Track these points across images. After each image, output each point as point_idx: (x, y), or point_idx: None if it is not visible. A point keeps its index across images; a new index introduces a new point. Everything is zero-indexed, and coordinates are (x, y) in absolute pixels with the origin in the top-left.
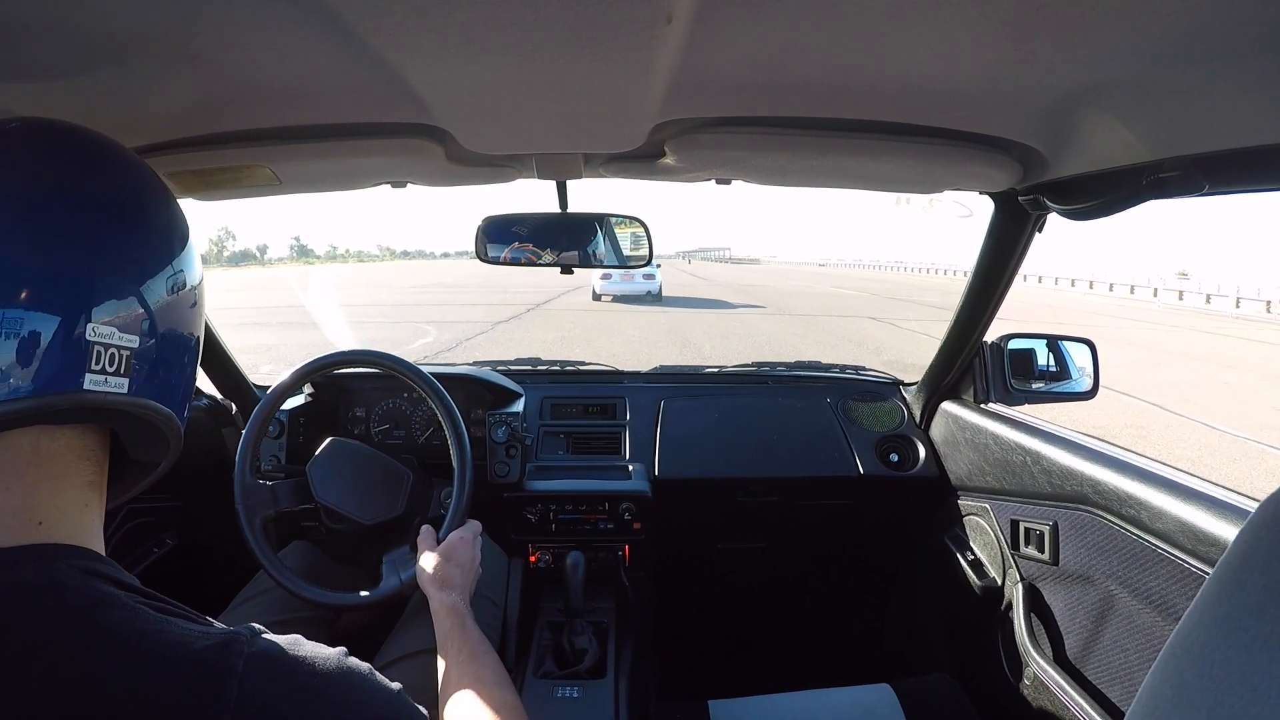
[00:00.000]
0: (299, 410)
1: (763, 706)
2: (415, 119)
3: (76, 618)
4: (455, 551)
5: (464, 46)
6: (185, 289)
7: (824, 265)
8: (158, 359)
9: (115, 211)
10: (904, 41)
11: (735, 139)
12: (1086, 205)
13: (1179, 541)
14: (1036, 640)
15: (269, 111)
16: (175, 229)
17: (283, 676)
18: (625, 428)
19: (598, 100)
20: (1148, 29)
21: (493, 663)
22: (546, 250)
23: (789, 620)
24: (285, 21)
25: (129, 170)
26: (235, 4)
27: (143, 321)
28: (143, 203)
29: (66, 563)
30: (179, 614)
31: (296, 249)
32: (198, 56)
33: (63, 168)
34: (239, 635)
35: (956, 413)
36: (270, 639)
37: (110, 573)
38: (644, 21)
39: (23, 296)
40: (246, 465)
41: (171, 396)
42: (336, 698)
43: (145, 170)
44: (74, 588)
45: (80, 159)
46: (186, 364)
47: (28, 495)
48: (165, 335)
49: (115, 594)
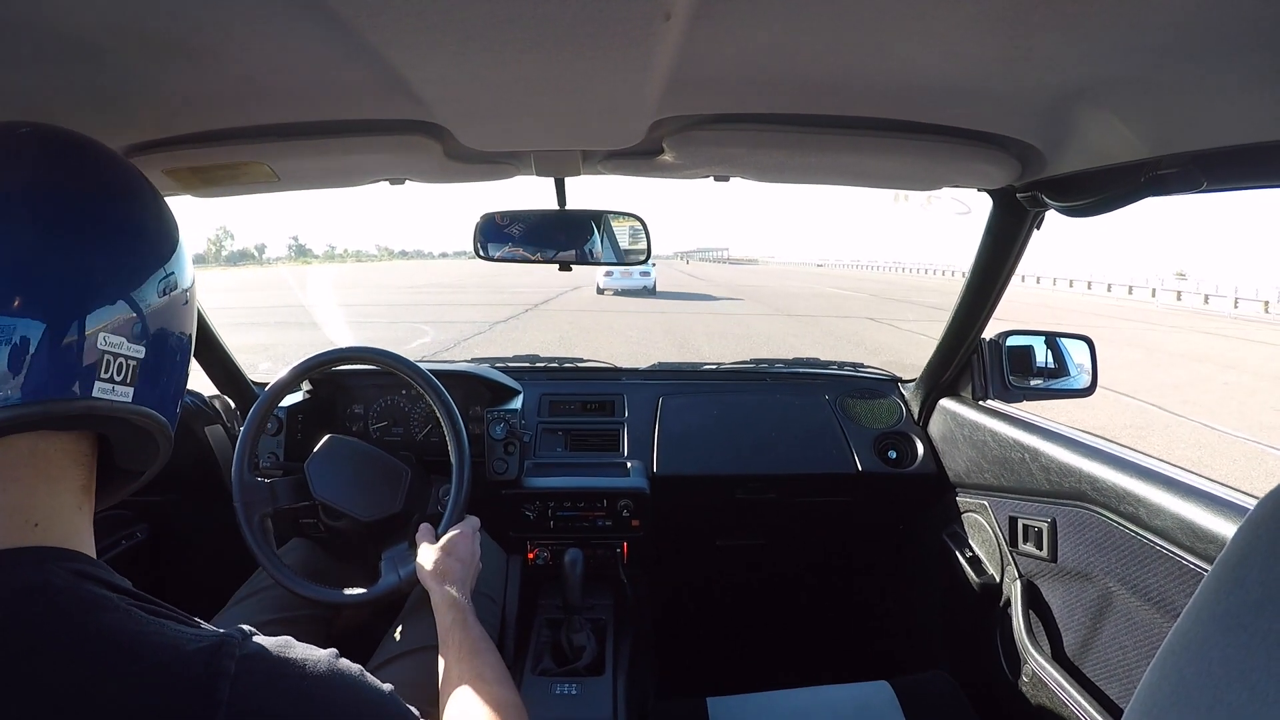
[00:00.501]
0: (297, 407)
1: (761, 703)
2: (413, 116)
3: (69, 620)
4: (455, 546)
5: (462, 43)
6: (178, 290)
7: (822, 266)
8: (158, 366)
9: (123, 216)
10: (902, 38)
11: (733, 136)
12: (1085, 202)
13: (1177, 538)
14: (1035, 637)
15: (267, 108)
16: (172, 232)
17: (274, 678)
18: (624, 425)
19: (596, 97)
20: (1146, 26)
21: (493, 659)
22: (545, 247)
23: (787, 617)
24: (283, 18)
25: (125, 176)
26: (233, 1)
27: (148, 330)
28: (146, 208)
29: (59, 565)
30: (170, 616)
31: (295, 249)
32: (196, 53)
33: (63, 174)
34: (231, 637)
35: (955, 410)
36: (261, 641)
37: (102, 575)
38: (642, 18)
39: (37, 302)
40: (245, 462)
41: (167, 403)
42: (327, 699)
43: (137, 174)
44: (66, 590)
45: (78, 166)
46: (180, 364)
47: (24, 497)
48: (166, 342)
49: (107, 596)
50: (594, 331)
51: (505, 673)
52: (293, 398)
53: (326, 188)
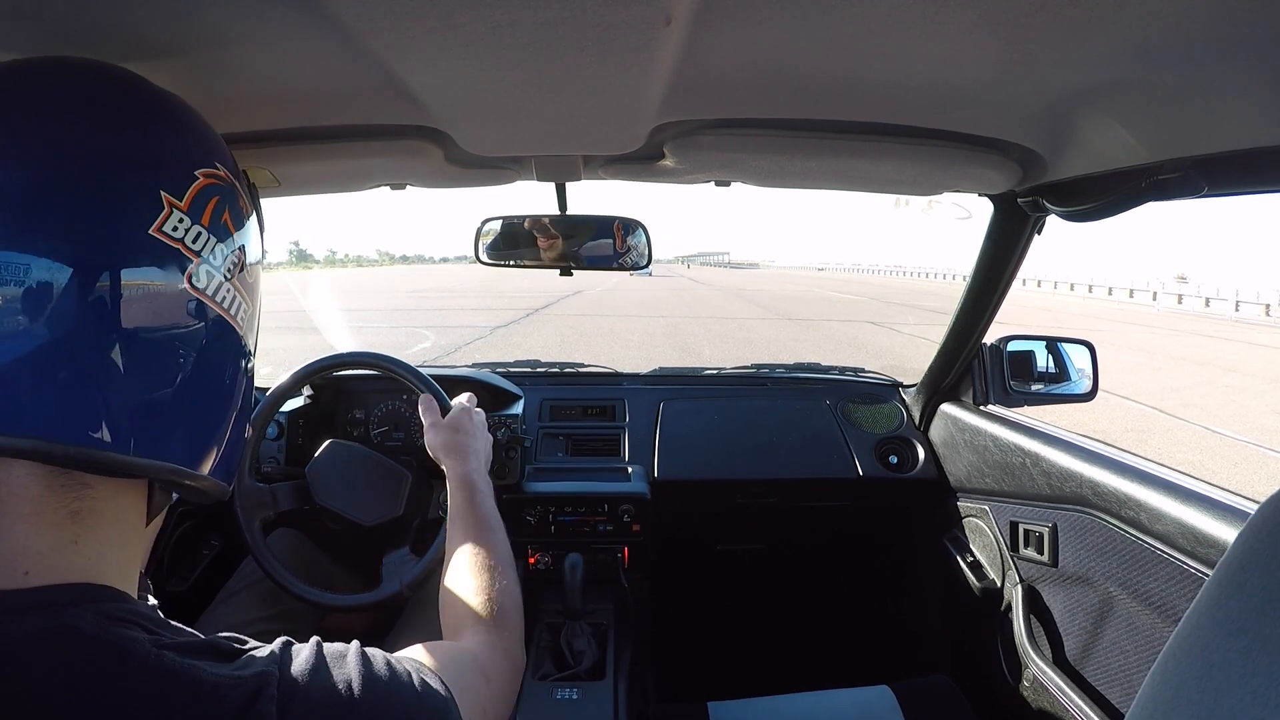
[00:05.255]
0: (298, 412)
1: (762, 708)
2: (414, 121)
3: (93, 673)
4: (461, 422)
5: (463, 49)
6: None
7: (823, 270)
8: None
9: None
10: (903, 43)
11: (734, 141)
12: (1086, 207)
13: (1178, 543)
14: (1036, 642)
15: (268, 113)
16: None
17: (323, 708)
18: (624, 429)
19: (597, 102)
20: (1146, 31)
21: (499, 541)
22: (545, 252)
23: (788, 621)
24: (284, 23)
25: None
26: (234, 6)
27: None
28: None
29: (88, 607)
30: (208, 652)
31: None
32: (196, 58)
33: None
34: (269, 677)
35: (956, 414)
36: (302, 668)
37: (133, 613)
38: (643, 23)
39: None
40: (245, 467)
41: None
42: (371, 709)
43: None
44: (95, 638)
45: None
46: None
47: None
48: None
49: (137, 639)
50: (594, 336)
51: (508, 556)
52: (293, 403)
53: (328, 192)
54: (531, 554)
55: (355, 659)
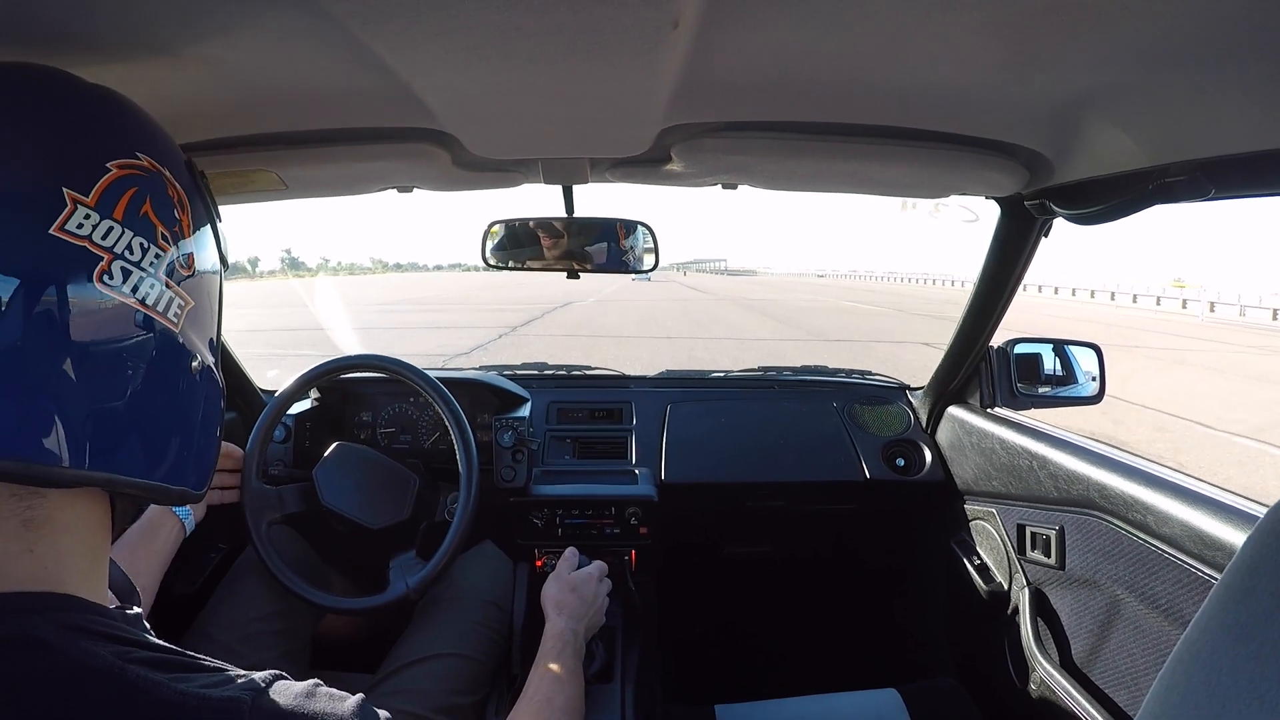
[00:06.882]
0: (305, 415)
1: (769, 711)
2: (421, 124)
3: (50, 685)
4: (580, 585)
5: (470, 52)
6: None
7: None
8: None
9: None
10: (910, 47)
11: (742, 144)
12: (1092, 210)
13: (1186, 546)
14: (1043, 645)
15: (274, 116)
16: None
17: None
18: (631, 432)
19: (604, 105)
20: (1153, 33)
21: (575, 693)
22: (551, 254)
23: (795, 624)
24: (290, 26)
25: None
26: (240, 9)
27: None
28: None
29: (48, 616)
30: (176, 665)
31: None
32: (203, 62)
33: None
34: (239, 704)
35: (963, 417)
36: (277, 699)
37: (99, 625)
38: (650, 26)
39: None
40: (253, 470)
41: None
42: None
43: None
44: (55, 648)
45: None
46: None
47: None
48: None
49: (97, 654)
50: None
51: (579, 708)
52: (301, 405)
53: (334, 196)
54: (539, 557)
55: (349, 701)
